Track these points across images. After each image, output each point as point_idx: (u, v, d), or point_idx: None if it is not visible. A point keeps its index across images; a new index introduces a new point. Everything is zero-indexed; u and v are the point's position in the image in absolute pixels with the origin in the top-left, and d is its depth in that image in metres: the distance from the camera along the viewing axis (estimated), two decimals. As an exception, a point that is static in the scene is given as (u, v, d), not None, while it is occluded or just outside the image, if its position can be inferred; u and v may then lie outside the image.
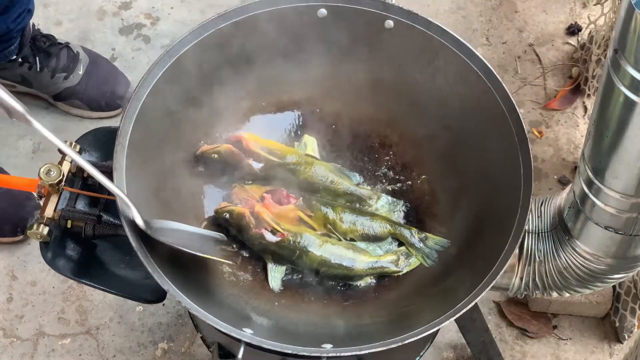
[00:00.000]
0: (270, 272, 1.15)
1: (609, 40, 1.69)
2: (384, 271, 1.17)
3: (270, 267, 1.15)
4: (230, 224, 1.16)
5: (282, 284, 1.15)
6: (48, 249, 1.10)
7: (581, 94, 1.87)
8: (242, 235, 1.16)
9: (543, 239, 1.16)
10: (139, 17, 2.00)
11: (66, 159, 1.12)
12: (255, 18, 1.19)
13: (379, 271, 1.17)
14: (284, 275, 1.16)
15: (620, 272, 1.14)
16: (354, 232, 1.19)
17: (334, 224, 1.18)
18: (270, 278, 1.15)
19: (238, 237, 1.17)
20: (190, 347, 1.57)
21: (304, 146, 1.25)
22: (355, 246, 1.18)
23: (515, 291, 1.21)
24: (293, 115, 1.29)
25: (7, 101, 0.93)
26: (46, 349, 1.57)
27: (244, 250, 1.18)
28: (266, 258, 1.16)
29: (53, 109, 1.84)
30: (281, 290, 1.15)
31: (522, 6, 2.03)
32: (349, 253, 1.16)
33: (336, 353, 0.98)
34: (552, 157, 1.79)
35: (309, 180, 1.21)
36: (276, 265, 1.15)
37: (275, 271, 1.15)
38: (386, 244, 1.20)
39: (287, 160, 1.22)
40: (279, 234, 1.15)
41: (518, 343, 1.58)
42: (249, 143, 1.22)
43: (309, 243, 1.15)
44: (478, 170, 1.18)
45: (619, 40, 0.86)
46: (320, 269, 1.15)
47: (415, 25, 1.19)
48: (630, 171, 0.96)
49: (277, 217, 1.16)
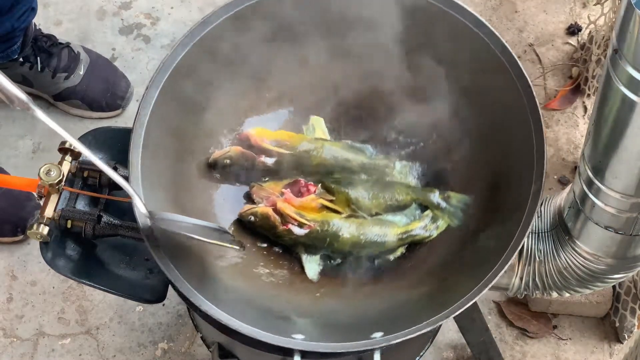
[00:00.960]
0: (305, 263, 1.15)
1: (609, 40, 1.69)
2: (415, 239, 1.17)
3: (305, 258, 1.16)
4: (257, 225, 1.17)
5: (319, 273, 1.16)
6: (48, 249, 1.10)
7: (581, 94, 1.87)
8: (271, 233, 1.17)
9: (543, 239, 1.16)
10: (139, 17, 2.00)
11: (66, 159, 1.12)
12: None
13: (409, 240, 1.17)
14: (319, 263, 1.16)
15: (620, 272, 1.14)
16: (378, 206, 1.19)
17: (357, 202, 1.18)
18: (307, 269, 1.15)
19: (268, 235, 1.17)
20: (190, 347, 1.57)
21: (312, 128, 1.25)
22: (382, 220, 1.18)
23: (515, 291, 1.21)
24: (292, 106, 1.28)
25: (10, 90, 0.92)
26: (46, 349, 1.57)
27: (276, 247, 1.18)
28: (299, 250, 1.16)
29: (53, 109, 1.84)
30: (319, 279, 1.15)
31: (522, 6, 2.03)
32: (377, 229, 1.16)
33: (388, 342, 0.98)
34: (552, 157, 1.79)
35: (323, 163, 1.21)
36: (310, 255, 1.16)
37: (310, 261, 1.15)
38: (411, 211, 1.20)
39: (299, 149, 1.21)
40: (306, 226, 1.15)
41: (518, 343, 1.58)
42: (257, 139, 1.21)
43: (337, 228, 1.15)
44: (488, 123, 1.18)
45: (618, 40, 0.86)
46: (353, 250, 1.16)
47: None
48: (630, 171, 0.96)
49: (300, 209, 1.17)
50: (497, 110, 1.17)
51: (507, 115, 1.15)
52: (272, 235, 1.17)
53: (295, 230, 1.15)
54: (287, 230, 1.15)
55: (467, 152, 1.22)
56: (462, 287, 1.04)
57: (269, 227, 1.16)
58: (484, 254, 1.08)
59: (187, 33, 1.15)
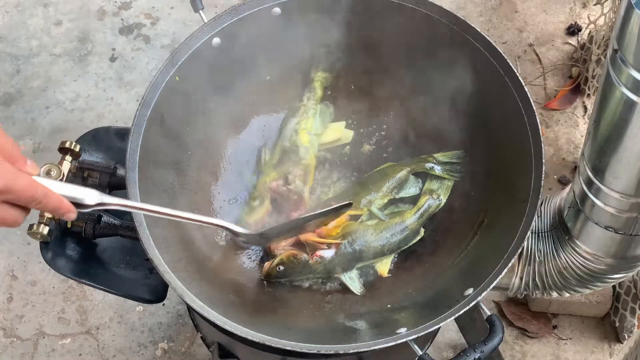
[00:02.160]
0: (346, 281, 1.16)
1: (609, 40, 1.69)
2: (430, 212, 1.20)
3: (344, 278, 1.16)
4: (289, 271, 1.15)
5: (362, 285, 1.16)
6: (48, 249, 1.10)
7: (581, 94, 1.87)
8: (305, 271, 1.15)
9: (543, 239, 1.16)
10: (139, 17, 2.00)
11: (66, 158, 1.12)
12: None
13: (426, 216, 1.20)
14: (359, 276, 1.17)
15: (620, 272, 1.14)
16: (387, 195, 1.22)
17: (369, 201, 1.21)
18: (350, 286, 1.16)
19: (302, 278, 1.16)
20: (190, 347, 1.57)
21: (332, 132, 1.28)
22: (396, 213, 1.20)
23: (515, 291, 1.21)
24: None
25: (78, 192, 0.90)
26: (46, 349, 1.57)
27: (316, 286, 1.18)
28: (337, 273, 1.16)
29: (53, 109, 1.84)
30: (364, 290, 1.16)
31: (522, 6, 2.03)
32: (395, 219, 1.19)
33: (416, 334, 0.98)
34: (552, 157, 1.79)
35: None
36: (347, 272, 1.17)
37: (350, 278, 1.16)
38: (411, 184, 1.23)
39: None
40: (333, 245, 1.16)
41: (518, 343, 1.58)
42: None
43: (361, 233, 1.17)
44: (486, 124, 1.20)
45: (618, 40, 0.86)
46: (384, 249, 1.18)
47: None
48: (630, 171, 0.96)
49: (321, 237, 1.18)
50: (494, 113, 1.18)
51: (504, 116, 1.16)
52: (307, 273, 1.16)
53: (325, 254, 1.15)
54: (319, 259, 1.15)
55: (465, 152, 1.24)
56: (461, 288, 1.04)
57: (300, 265, 1.15)
58: (484, 255, 1.08)
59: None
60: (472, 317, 1.36)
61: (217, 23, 1.20)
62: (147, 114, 1.12)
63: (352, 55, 1.28)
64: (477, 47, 1.17)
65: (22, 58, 1.94)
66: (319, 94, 1.29)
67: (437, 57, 1.21)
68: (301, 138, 1.25)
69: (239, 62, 1.25)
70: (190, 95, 1.20)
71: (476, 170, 1.21)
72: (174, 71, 1.16)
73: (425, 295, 1.12)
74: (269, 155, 1.25)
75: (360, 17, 1.24)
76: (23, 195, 0.82)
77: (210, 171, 1.23)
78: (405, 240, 1.19)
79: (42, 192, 0.84)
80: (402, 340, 0.98)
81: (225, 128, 1.26)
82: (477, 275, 1.04)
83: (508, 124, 1.14)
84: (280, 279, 1.15)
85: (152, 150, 1.12)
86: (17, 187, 0.81)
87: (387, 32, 1.25)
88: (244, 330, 0.99)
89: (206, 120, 1.23)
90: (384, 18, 1.24)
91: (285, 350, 0.98)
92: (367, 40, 1.26)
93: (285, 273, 1.15)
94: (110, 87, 1.90)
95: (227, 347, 1.23)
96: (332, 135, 1.29)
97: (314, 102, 1.28)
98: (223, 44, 1.21)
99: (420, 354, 0.98)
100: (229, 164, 1.26)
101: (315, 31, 1.26)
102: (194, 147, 1.21)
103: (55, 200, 0.86)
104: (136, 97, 1.87)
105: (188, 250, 1.12)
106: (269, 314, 1.11)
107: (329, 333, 1.08)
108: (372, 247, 1.17)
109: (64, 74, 1.92)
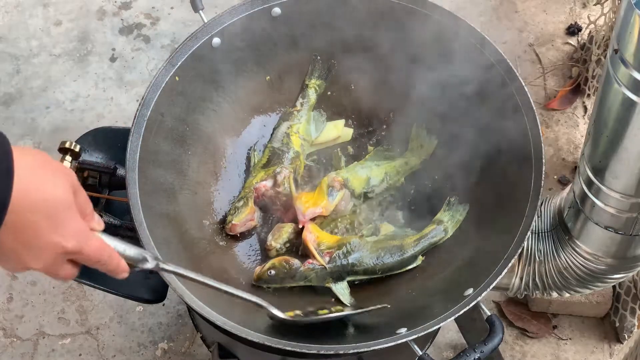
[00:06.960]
0: (337, 292, 1.15)
1: (609, 40, 1.69)
2: (433, 242, 1.18)
3: (335, 288, 1.15)
4: (279, 275, 1.14)
5: (351, 297, 1.15)
6: (48, 249, 1.09)
7: (581, 94, 1.87)
8: (296, 278, 1.14)
9: (543, 239, 1.16)
10: (139, 17, 2.00)
11: (66, 158, 1.12)
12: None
13: (428, 245, 1.18)
14: (348, 288, 1.15)
15: (620, 272, 1.14)
16: (390, 187, 1.24)
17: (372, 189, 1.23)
18: (340, 297, 1.14)
19: (292, 284, 1.15)
20: (190, 347, 1.57)
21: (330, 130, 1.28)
22: (396, 234, 1.19)
23: (515, 291, 1.21)
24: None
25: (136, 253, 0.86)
26: (46, 349, 1.57)
27: (310, 307, 1.15)
28: (327, 283, 1.15)
29: (53, 109, 1.84)
30: (353, 301, 1.14)
31: (522, 6, 2.03)
32: (394, 242, 1.17)
33: (416, 334, 0.98)
34: (552, 157, 1.79)
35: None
36: (338, 283, 1.15)
37: (340, 288, 1.15)
38: None
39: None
40: (326, 252, 1.15)
41: (518, 343, 1.58)
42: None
43: (356, 249, 1.15)
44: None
45: (618, 40, 0.86)
46: (376, 269, 1.16)
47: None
48: (630, 171, 0.97)
49: (319, 239, 1.16)
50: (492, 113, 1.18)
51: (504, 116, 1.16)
52: (299, 279, 1.15)
53: (318, 257, 1.14)
54: (310, 265, 1.14)
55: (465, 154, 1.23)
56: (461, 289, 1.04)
57: (292, 271, 1.14)
58: (484, 255, 1.08)
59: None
60: (472, 317, 1.36)
61: (217, 23, 1.20)
62: (147, 114, 1.12)
63: (352, 55, 1.28)
64: (477, 47, 1.17)
65: (22, 58, 1.94)
66: (312, 101, 1.29)
67: (437, 59, 1.21)
68: (293, 141, 1.25)
69: (239, 62, 1.25)
70: (190, 95, 1.20)
71: (476, 170, 1.21)
72: (174, 71, 1.16)
73: (426, 295, 1.12)
74: (257, 156, 1.25)
75: (360, 17, 1.24)
76: (92, 258, 0.80)
77: (210, 171, 1.24)
78: (401, 265, 1.17)
79: (107, 254, 0.81)
80: (402, 340, 0.98)
81: (225, 128, 1.26)
82: (477, 276, 1.04)
83: (508, 124, 1.14)
84: (270, 285, 1.14)
85: (152, 150, 1.12)
86: (88, 249, 0.78)
87: (387, 32, 1.24)
88: (244, 330, 0.99)
89: (206, 120, 1.23)
90: (384, 19, 1.24)
91: (285, 351, 0.98)
92: (368, 41, 1.26)
93: (276, 278, 1.14)
94: (110, 87, 1.90)
95: (227, 347, 1.23)
96: (331, 134, 1.28)
97: (307, 108, 1.28)
98: (223, 44, 1.21)
99: (420, 354, 0.98)
100: (229, 164, 1.26)
101: (315, 31, 1.26)
102: (194, 147, 1.21)
103: (116, 263, 0.83)
104: (136, 97, 1.87)
105: (188, 250, 1.12)
106: None
107: (329, 333, 1.08)
108: (365, 264, 1.15)
109: (64, 74, 1.92)
